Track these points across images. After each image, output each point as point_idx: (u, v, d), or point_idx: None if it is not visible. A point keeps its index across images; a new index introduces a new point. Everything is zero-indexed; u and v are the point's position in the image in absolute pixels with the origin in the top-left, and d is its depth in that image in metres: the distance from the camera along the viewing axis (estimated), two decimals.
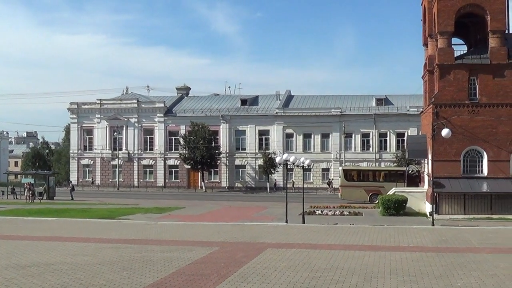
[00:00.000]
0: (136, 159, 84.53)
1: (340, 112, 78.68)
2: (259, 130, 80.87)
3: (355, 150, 78.61)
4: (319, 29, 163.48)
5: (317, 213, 42.54)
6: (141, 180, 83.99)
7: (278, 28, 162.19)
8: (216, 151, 78.14)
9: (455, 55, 42.12)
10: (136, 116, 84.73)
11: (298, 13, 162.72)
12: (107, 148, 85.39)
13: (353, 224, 29.35)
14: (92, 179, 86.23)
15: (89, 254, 17.00)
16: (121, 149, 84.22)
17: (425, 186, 46.37)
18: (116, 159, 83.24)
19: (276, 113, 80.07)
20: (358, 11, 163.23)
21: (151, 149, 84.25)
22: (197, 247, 17.79)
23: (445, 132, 33.83)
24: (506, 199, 39.76)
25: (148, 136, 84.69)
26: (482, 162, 41.11)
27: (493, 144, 40.60)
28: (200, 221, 32.35)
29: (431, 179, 38.07)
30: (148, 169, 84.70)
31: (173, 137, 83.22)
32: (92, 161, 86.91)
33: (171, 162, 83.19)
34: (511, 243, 19.30)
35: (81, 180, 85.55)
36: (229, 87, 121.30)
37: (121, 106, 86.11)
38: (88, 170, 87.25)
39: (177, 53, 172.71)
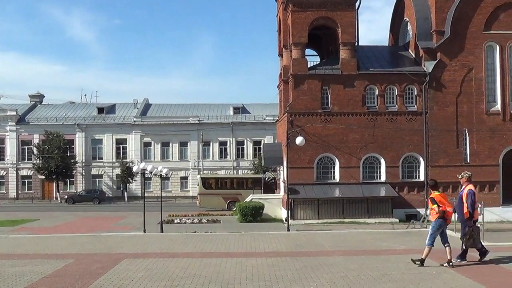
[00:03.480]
0: None
1: (198, 120, 79.04)
2: (116, 139, 79.60)
3: (213, 158, 79.19)
4: (178, 38, 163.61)
5: (175, 221, 42.54)
6: None
7: (137, 36, 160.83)
8: (72, 161, 76.07)
9: (309, 66, 43.44)
10: None
11: (157, 21, 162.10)
12: None
13: (211, 232, 29.60)
14: None
15: None
16: None
17: (281, 192, 47.44)
18: None
19: (134, 121, 79.25)
20: (217, 21, 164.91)
21: (2, 159, 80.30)
22: (51, 260, 17.33)
23: (299, 140, 34.82)
24: (356, 204, 41.49)
25: None
26: (334, 168, 42.70)
27: (344, 151, 42.28)
28: (55, 233, 31.42)
29: (287, 185, 39.08)
30: None
31: (26, 147, 79.84)
32: None
33: (24, 172, 79.93)
34: (361, 245, 20.17)
35: None
36: (85, 95, 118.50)
37: None
38: None
39: (30, 59, 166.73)
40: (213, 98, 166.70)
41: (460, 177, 16.40)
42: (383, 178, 42.50)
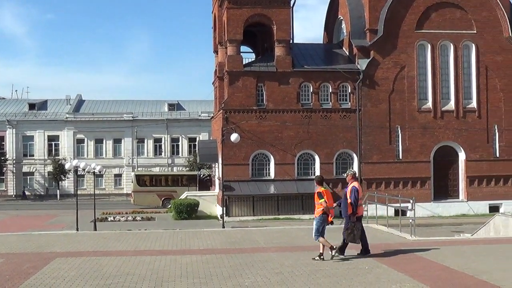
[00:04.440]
0: None
1: (132, 117, 78.14)
2: (48, 136, 77.88)
3: (147, 155, 78.44)
4: (113, 33, 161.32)
5: (109, 219, 42.01)
6: None
7: (70, 31, 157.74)
8: (2, 158, 74.23)
9: (244, 63, 43.54)
10: None
11: (91, 16, 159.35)
12: None
13: (145, 229, 29.32)
14: None
15: None
16: None
17: (216, 189, 47.39)
18: None
19: (66, 118, 77.75)
20: (152, 16, 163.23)
21: None
22: None
23: (234, 136, 34.85)
24: (291, 200, 41.80)
25: None
26: (269, 165, 42.89)
27: (279, 148, 42.50)
28: None
29: (222, 182, 39.04)
30: None
31: None
32: None
33: None
34: (295, 242, 20.27)
35: None
36: (16, 90, 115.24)
37: None
38: None
39: None
40: (148, 95, 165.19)
41: (345, 175, 16.81)
42: (317, 174, 42.82)
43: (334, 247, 15.58)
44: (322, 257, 15.43)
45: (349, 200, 15.86)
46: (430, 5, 44.16)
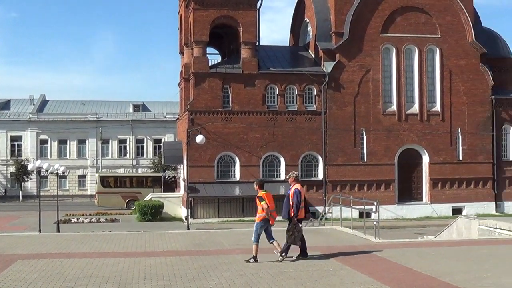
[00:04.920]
0: None
1: (97, 118, 77.46)
2: (11, 136, 76.82)
3: (112, 157, 77.79)
4: (78, 33, 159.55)
5: (73, 221, 41.64)
6: None
7: (34, 30, 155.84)
8: None
9: (210, 64, 43.45)
10: None
11: (55, 15, 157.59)
12: None
13: (109, 231, 29.08)
14: None
15: None
16: None
17: (181, 191, 47.20)
18: None
19: (30, 118, 76.79)
20: (118, 16, 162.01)
21: None
22: None
23: (199, 138, 34.76)
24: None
25: None
26: (234, 167, 42.88)
27: (244, 150, 42.52)
28: None
29: (187, 184, 38.91)
30: None
31: None
32: None
33: None
34: (260, 244, 20.23)
35: None
36: None
37: None
38: None
39: None
40: (113, 95, 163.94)
41: (288, 177, 16.96)
42: (282, 176, 42.93)
43: (283, 253, 15.74)
44: (256, 259, 15.59)
45: (291, 203, 15.97)
46: (396, 9, 44.56)
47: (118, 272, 14.46)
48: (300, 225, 16.09)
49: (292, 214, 15.98)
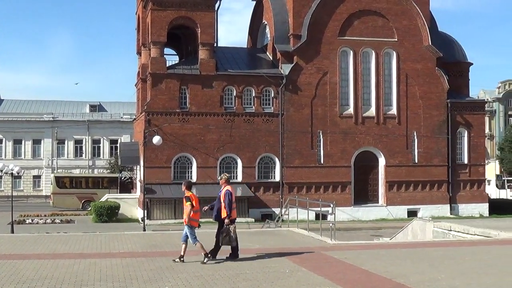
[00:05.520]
0: None
1: (52, 117, 76.43)
2: None
3: (68, 157, 76.86)
4: (34, 32, 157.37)
5: (27, 222, 41.09)
6: None
7: None
8: None
9: (168, 65, 43.34)
10: None
11: (10, 12, 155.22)
12: None
13: (64, 232, 28.76)
14: None
15: None
16: None
17: (138, 192, 46.96)
18: None
19: None
20: (75, 16, 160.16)
21: None
22: None
23: (156, 139, 34.66)
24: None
25: None
26: (191, 168, 42.79)
27: (201, 151, 42.46)
28: None
29: (143, 185, 38.70)
30: None
31: None
32: None
33: None
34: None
35: None
36: None
37: None
38: None
39: None
40: (69, 95, 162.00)
41: (219, 178, 17.27)
42: (239, 178, 43.01)
43: (209, 254, 15.87)
44: (182, 259, 15.80)
45: (223, 204, 16.08)
46: (353, 13, 44.99)
47: (74, 273, 14.32)
48: (234, 226, 16.19)
49: (225, 215, 16.08)
